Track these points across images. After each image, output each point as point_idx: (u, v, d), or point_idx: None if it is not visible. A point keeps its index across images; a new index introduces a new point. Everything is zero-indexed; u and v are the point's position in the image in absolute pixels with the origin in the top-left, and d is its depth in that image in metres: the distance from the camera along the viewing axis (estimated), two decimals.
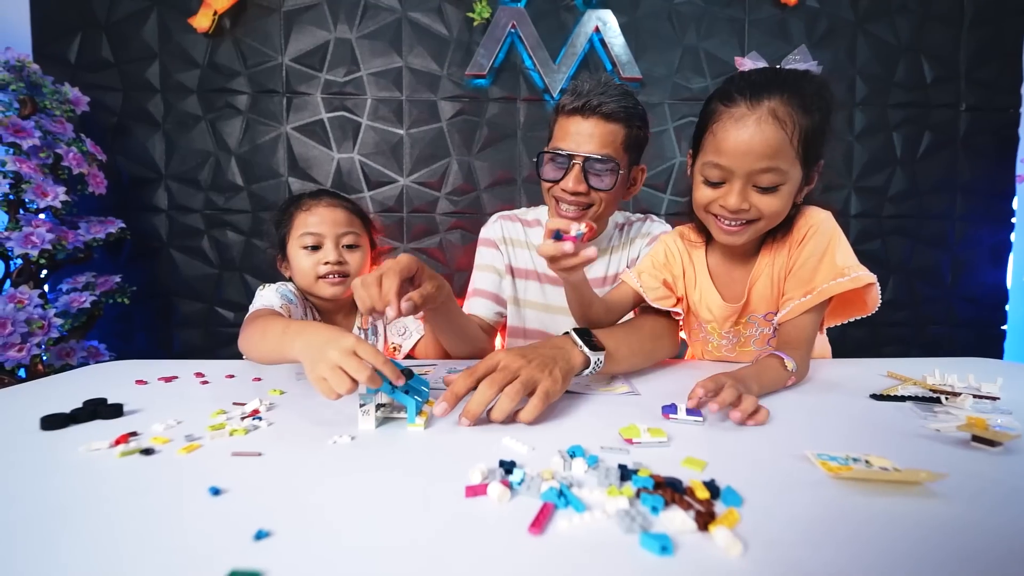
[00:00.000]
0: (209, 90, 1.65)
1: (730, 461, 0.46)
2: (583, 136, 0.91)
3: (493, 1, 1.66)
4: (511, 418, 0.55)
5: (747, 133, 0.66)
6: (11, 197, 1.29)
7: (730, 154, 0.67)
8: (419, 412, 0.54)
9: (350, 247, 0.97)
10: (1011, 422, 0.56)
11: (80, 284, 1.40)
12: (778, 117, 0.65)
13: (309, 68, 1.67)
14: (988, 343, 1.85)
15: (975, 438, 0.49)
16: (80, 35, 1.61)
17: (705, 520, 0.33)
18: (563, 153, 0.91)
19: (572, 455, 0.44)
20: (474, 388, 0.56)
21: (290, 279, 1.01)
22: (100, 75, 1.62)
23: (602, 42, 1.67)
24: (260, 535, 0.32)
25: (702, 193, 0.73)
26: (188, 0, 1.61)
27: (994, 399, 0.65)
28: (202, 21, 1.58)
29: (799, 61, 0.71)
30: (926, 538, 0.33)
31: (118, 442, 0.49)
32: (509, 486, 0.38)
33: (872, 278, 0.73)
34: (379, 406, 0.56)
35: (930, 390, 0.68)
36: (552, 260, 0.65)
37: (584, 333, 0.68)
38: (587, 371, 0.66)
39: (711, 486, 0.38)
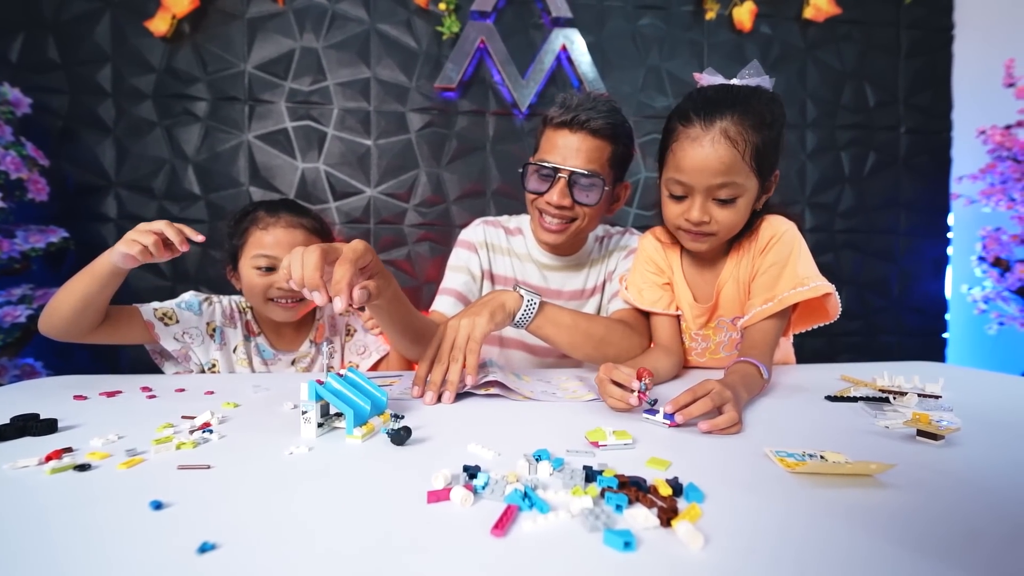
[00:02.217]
0: (165, 95, 1.59)
1: (693, 460, 0.46)
2: (570, 150, 0.90)
3: (462, 16, 1.68)
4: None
5: (702, 152, 0.71)
6: None
7: (689, 171, 0.72)
8: (363, 424, 0.52)
9: None
10: (952, 418, 0.59)
11: (15, 297, 1.31)
12: (730, 136, 0.70)
13: (273, 76, 1.63)
14: (932, 350, 1.96)
15: (920, 433, 0.52)
16: (23, 34, 1.53)
17: (668, 516, 0.33)
18: (549, 166, 0.90)
19: (538, 459, 0.43)
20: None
21: (239, 292, 0.97)
22: (45, 77, 1.54)
23: (569, 60, 1.71)
24: (205, 548, 0.30)
25: (669, 208, 0.78)
26: (145, 3, 1.56)
27: (937, 397, 0.69)
28: (159, 25, 1.53)
29: (751, 76, 0.75)
30: (877, 525, 0.34)
31: (49, 458, 0.45)
32: (473, 490, 0.37)
33: (830, 288, 0.77)
34: (330, 416, 0.54)
35: (879, 391, 0.71)
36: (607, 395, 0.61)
37: (522, 287, 0.79)
38: (520, 311, 0.74)
39: (674, 484, 0.38)
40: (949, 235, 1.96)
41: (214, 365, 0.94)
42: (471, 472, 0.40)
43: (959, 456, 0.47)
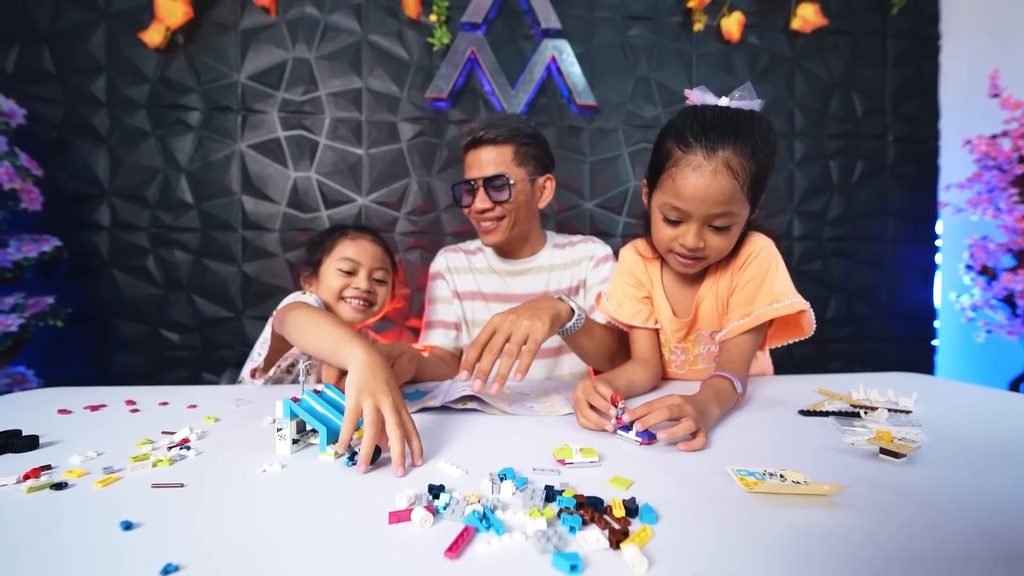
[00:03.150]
0: (159, 105, 1.61)
1: (657, 478, 0.47)
2: (480, 164, 1.07)
3: (453, 27, 1.70)
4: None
5: (704, 182, 0.71)
6: None
7: (689, 199, 0.72)
8: (333, 442, 0.53)
9: (379, 281, 1.09)
10: (919, 434, 0.60)
11: (7, 306, 1.32)
12: (731, 168, 0.70)
13: (266, 86, 1.65)
14: (921, 356, 1.98)
15: (882, 451, 0.53)
16: (19, 45, 1.54)
17: (618, 538, 0.34)
18: (466, 181, 1.09)
19: (502, 478, 0.45)
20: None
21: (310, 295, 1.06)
22: (40, 87, 1.55)
23: (559, 70, 1.73)
24: (168, 569, 0.31)
25: (663, 232, 0.78)
26: (139, 14, 1.57)
27: (907, 412, 0.70)
28: (153, 36, 1.55)
29: (743, 98, 0.74)
30: (824, 546, 0.35)
31: (27, 477, 0.46)
32: (435, 511, 0.38)
33: (804, 305, 0.78)
34: (306, 432, 0.55)
35: (852, 405, 0.72)
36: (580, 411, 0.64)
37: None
38: (570, 324, 0.77)
39: (629, 504, 0.39)
40: (937, 243, 1.98)
41: (293, 366, 1.03)
42: (435, 492, 0.41)
43: (918, 474, 0.48)
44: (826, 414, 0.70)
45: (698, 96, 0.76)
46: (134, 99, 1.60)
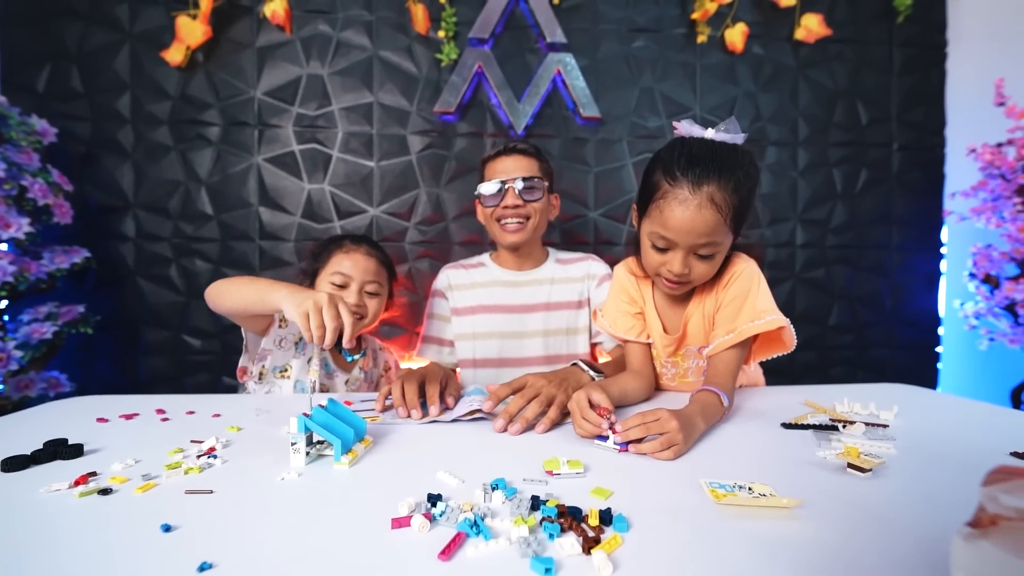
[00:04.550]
0: (180, 121, 1.69)
1: (635, 488, 0.52)
2: (511, 167, 1.17)
3: (461, 42, 1.75)
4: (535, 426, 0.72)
5: (689, 215, 0.75)
6: None
7: (675, 231, 0.77)
8: (348, 451, 0.59)
9: (371, 294, 1.11)
10: (889, 449, 0.64)
11: (42, 315, 1.40)
12: (715, 202, 0.75)
13: (281, 102, 1.72)
14: (925, 363, 1.98)
15: (850, 465, 0.57)
16: (50, 65, 1.63)
17: (590, 544, 0.39)
18: (498, 180, 1.16)
19: (494, 487, 0.50)
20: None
21: None
22: (69, 105, 1.64)
23: (564, 83, 1.77)
24: (203, 567, 0.37)
25: (651, 257, 0.83)
26: (161, 34, 1.65)
27: (884, 426, 0.74)
28: (175, 55, 1.63)
29: (727, 131, 0.79)
30: (779, 555, 0.39)
31: (78, 483, 0.52)
32: (431, 518, 0.43)
33: (784, 322, 0.82)
34: (315, 443, 0.61)
35: (831, 419, 0.76)
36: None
37: (587, 363, 0.88)
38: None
39: (605, 514, 0.44)
40: (942, 250, 1.98)
41: (286, 370, 1.07)
42: (433, 500, 0.47)
43: (879, 489, 0.52)
44: (807, 427, 0.74)
45: (686, 128, 0.81)
46: (157, 115, 1.68)
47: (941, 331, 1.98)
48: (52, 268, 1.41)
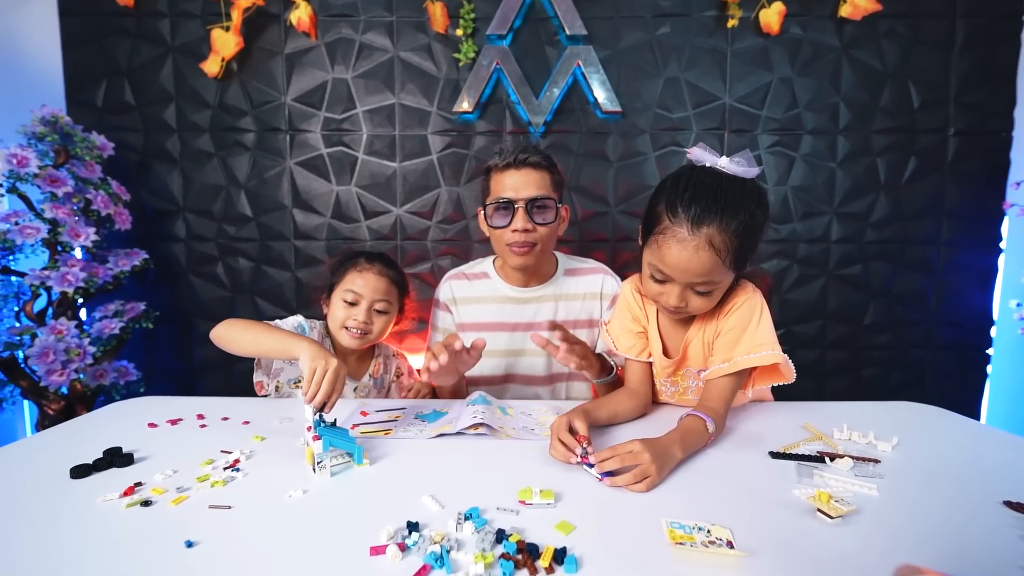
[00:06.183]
0: (220, 129, 1.80)
1: (598, 523, 0.56)
2: (520, 183, 1.08)
3: (479, 39, 1.75)
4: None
5: (686, 256, 0.75)
6: (49, 239, 1.46)
7: (671, 268, 0.77)
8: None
9: (379, 311, 1.14)
10: (873, 489, 0.64)
11: (110, 312, 1.58)
12: (714, 245, 0.74)
13: (309, 107, 1.79)
14: (970, 365, 1.86)
15: (819, 509, 0.58)
16: (106, 81, 1.77)
17: None
18: (506, 200, 1.08)
19: (467, 517, 0.55)
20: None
21: (325, 316, 1.19)
22: (124, 118, 1.78)
23: (584, 76, 1.74)
24: None
25: (650, 285, 0.84)
26: (199, 47, 1.75)
27: (875, 462, 0.73)
28: (211, 66, 1.72)
29: (741, 164, 0.77)
30: None
31: (126, 493, 0.63)
32: (404, 547, 0.50)
33: (781, 358, 0.82)
34: (320, 462, 0.69)
35: (819, 453, 0.76)
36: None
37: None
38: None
39: (559, 553, 0.48)
40: (1001, 244, 1.83)
41: (299, 381, 1.14)
42: (411, 528, 0.53)
43: (840, 538, 0.53)
44: (793, 457, 0.74)
45: (698, 154, 0.79)
46: (199, 124, 1.80)
47: (993, 332, 1.85)
48: (117, 271, 1.57)
